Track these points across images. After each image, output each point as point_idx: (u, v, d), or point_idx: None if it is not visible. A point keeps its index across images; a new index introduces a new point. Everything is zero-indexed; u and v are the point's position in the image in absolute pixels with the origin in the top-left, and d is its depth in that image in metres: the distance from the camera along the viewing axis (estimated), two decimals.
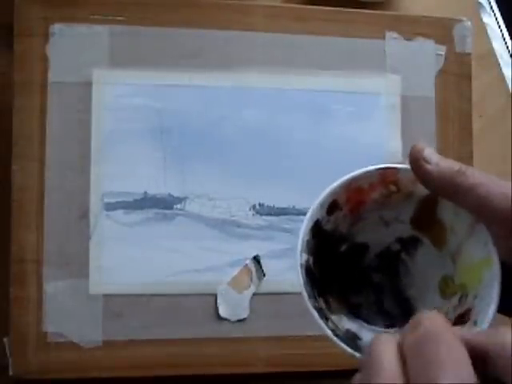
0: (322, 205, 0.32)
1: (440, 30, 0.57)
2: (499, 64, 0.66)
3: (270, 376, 0.52)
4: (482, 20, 0.66)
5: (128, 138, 0.52)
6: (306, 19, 0.55)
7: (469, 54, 0.57)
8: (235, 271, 0.52)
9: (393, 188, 0.33)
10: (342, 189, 0.32)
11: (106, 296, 0.50)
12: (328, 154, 0.54)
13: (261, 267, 0.52)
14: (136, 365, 0.50)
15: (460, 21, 0.57)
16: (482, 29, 0.65)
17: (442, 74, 0.56)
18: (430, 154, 0.31)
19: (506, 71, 0.66)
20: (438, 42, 0.57)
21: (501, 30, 0.67)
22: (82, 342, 0.50)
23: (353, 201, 0.33)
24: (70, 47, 0.51)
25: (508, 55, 0.66)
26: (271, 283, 0.53)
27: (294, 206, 0.53)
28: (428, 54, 0.57)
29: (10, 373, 0.49)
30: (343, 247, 0.35)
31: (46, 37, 0.51)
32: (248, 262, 0.52)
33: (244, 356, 0.52)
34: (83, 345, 0.50)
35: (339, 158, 0.54)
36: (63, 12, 0.51)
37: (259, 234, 0.53)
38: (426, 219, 0.33)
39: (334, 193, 0.32)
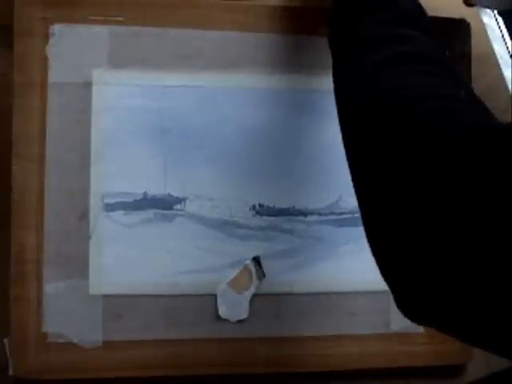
0: None
1: (440, 30, 0.57)
2: (499, 65, 0.66)
3: (270, 376, 0.52)
4: (482, 20, 0.65)
5: (128, 138, 0.52)
6: (306, 19, 0.54)
7: (469, 55, 0.57)
8: (235, 272, 0.52)
9: None
10: None
11: (105, 296, 0.50)
12: (328, 154, 0.54)
13: (261, 268, 0.52)
14: (136, 365, 0.50)
15: (460, 21, 0.57)
16: (482, 29, 0.65)
17: None
18: None
19: (506, 72, 0.65)
20: (438, 42, 0.56)
21: (501, 31, 0.67)
22: (82, 342, 0.50)
23: None
24: (70, 47, 0.51)
25: (508, 56, 0.66)
26: (271, 284, 0.53)
27: (293, 207, 0.53)
28: None
29: (10, 373, 0.49)
30: None
31: (45, 37, 0.51)
32: (248, 262, 0.52)
33: (244, 356, 0.52)
34: (83, 345, 0.50)
35: (339, 158, 0.54)
36: (63, 12, 0.51)
37: (259, 234, 0.53)
38: None
39: None
